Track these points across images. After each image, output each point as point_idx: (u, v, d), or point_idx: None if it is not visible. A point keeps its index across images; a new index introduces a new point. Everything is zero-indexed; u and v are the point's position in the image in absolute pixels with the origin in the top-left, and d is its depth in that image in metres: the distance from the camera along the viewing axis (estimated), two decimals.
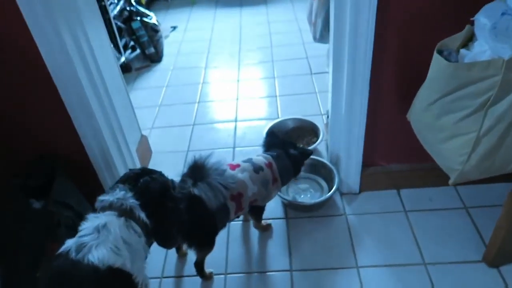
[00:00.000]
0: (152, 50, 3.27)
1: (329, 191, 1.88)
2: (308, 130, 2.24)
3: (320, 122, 2.30)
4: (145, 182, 1.20)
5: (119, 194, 1.15)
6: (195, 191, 1.36)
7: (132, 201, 1.14)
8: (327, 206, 1.84)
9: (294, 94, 2.72)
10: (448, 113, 1.19)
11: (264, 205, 1.68)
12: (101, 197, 1.16)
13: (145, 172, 1.26)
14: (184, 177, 1.40)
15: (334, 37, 1.50)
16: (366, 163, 1.81)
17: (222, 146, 2.32)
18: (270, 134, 1.88)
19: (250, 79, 2.99)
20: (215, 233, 1.49)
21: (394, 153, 1.80)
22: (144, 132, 2.48)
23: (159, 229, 1.23)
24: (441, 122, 1.21)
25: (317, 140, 2.16)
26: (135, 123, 2.16)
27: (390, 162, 1.83)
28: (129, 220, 1.12)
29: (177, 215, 1.28)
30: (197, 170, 1.40)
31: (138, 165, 2.03)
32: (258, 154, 1.65)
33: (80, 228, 1.08)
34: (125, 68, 3.19)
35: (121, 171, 1.85)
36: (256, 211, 1.69)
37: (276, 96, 2.72)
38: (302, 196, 1.90)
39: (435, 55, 1.18)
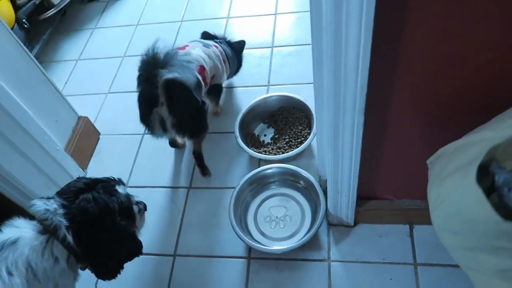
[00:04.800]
0: None
1: (312, 219, 1.35)
2: (298, 117, 1.60)
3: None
4: (83, 201, 0.92)
5: (51, 207, 0.89)
6: (168, 74, 1.21)
7: (60, 219, 0.88)
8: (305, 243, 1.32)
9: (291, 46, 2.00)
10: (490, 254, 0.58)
11: (222, 84, 1.65)
12: (33, 201, 0.91)
13: (90, 185, 0.97)
14: (147, 72, 1.25)
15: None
16: (365, 196, 1.23)
17: None
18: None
19: None
20: (204, 112, 1.42)
21: (407, 188, 1.19)
22: (98, 99, 1.97)
23: (94, 261, 0.97)
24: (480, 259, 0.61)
25: (309, 134, 1.54)
26: (62, 104, 1.60)
27: (401, 197, 1.23)
28: (53, 241, 0.87)
29: (116, 247, 0.99)
30: (153, 62, 1.23)
31: (69, 164, 1.56)
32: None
33: None
34: None
35: (35, 184, 1.41)
36: (215, 91, 1.63)
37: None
38: (273, 226, 1.38)
39: (476, 189, 0.55)
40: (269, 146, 1.57)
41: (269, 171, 1.44)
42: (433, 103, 0.89)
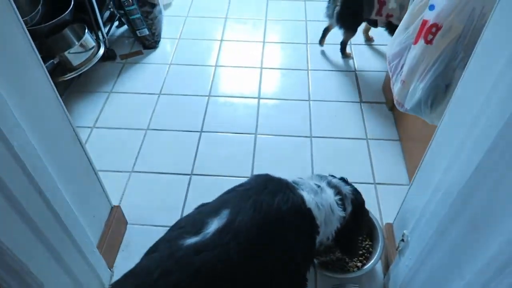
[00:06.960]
0: (145, 31, 2.42)
1: None
2: None
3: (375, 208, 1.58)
4: (357, 192, 1.26)
5: (348, 188, 1.24)
6: None
7: (348, 191, 1.22)
8: None
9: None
10: None
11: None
12: (330, 176, 1.25)
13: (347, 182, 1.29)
14: None
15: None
16: None
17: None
18: None
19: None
20: (361, 20, 2.11)
21: None
22: (120, 178, 1.77)
23: (347, 236, 1.24)
24: None
25: (371, 246, 1.45)
26: (97, 189, 1.41)
27: None
28: (339, 203, 1.17)
29: (359, 234, 1.39)
30: None
31: (99, 265, 1.34)
32: None
33: (303, 180, 1.16)
34: (107, 55, 2.36)
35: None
36: (391, 28, 1.98)
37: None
38: None
39: None
40: (324, 255, 1.45)
41: None
42: None
